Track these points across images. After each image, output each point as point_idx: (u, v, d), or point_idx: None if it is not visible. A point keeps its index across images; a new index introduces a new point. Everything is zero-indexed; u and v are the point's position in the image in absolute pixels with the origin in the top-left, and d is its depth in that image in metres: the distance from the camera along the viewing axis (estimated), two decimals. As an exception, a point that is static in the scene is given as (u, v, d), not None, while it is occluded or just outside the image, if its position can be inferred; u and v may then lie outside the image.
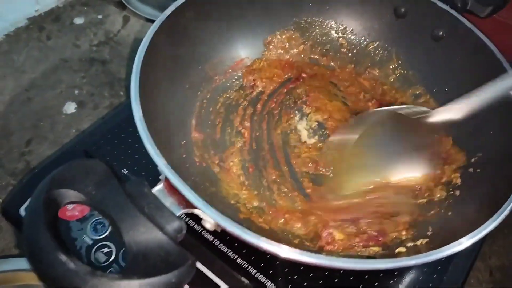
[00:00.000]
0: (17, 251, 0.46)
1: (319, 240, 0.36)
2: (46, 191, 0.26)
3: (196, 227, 0.38)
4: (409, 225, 0.37)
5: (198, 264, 0.36)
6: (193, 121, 0.43)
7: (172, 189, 0.29)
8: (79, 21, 0.68)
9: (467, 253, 0.40)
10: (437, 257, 0.29)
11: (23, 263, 0.39)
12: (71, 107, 0.58)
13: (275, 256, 0.27)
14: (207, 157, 0.41)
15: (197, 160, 0.40)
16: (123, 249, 0.37)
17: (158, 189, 0.29)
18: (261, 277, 0.36)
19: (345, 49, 0.52)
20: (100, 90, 0.60)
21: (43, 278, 0.25)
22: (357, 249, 0.36)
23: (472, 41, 0.43)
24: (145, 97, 0.33)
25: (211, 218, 0.28)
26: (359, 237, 0.36)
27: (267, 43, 0.50)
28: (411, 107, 0.44)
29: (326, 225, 0.37)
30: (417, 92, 0.48)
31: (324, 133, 0.45)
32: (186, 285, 0.27)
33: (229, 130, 0.44)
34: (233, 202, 0.39)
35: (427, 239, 0.35)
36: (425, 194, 0.40)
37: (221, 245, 0.38)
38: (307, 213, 0.38)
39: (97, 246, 0.37)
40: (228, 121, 0.45)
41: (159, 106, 0.37)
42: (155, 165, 0.29)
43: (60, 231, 0.26)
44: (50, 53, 0.63)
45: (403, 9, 0.48)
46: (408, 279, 0.38)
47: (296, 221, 0.38)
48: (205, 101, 0.45)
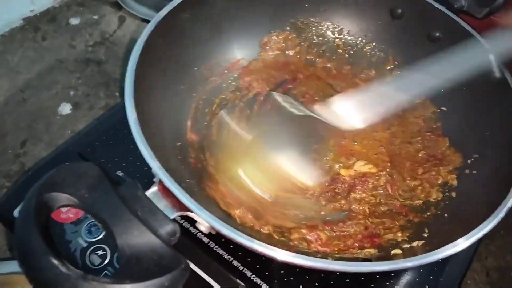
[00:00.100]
0: (11, 254, 0.46)
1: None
2: (37, 195, 0.25)
3: (191, 229, 0.38)
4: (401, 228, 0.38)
5: (193, 266, 0.36)
6: (189, 123, 0.43)
7: (166, 192, 0.29)
8: (74, 21, 0.68)
9: (463, 254, 0.40)
10: (433, 259, 0.29)
11: (17, 266, 0.38)
12: (66, 108, 0.57)
13: (270, 258, 0.27)
14: (203, 158, 0.41)
15: (192, 162, 0.40)
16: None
17: (152, 191, 0.29)
18: (256, 279, 0.36)
19: (341, 50, 0.52)
20: (95, 90, 0.60)
21: (34, 281, 0.25)
22: (352, 251, 0.36)
23: (468, 42, 0.43)
24: (140, 98, 0.33)
25: (205, 221, 0.28)
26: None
27: (263, 44, 0.50)
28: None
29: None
30: (414, 93, 0.48)
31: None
32: (180, 288, 0.27)
33: (225, 131, 0.44)
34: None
35: (423, 241, 0.35)
36: (422, 195, 0.40)
37: (216, 247, 0.37)
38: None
39: (91, 248, 0.37)
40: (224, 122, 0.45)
41: (154, 107, 0.37)
42: (150, 167, 0.29)
43: (52, 235, 0.26)
44: (45, 53, 0.63)
45: (399, 10, 0.48)
46: (404, 280, 0.38)
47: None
48: (200, 102, 0.45)
